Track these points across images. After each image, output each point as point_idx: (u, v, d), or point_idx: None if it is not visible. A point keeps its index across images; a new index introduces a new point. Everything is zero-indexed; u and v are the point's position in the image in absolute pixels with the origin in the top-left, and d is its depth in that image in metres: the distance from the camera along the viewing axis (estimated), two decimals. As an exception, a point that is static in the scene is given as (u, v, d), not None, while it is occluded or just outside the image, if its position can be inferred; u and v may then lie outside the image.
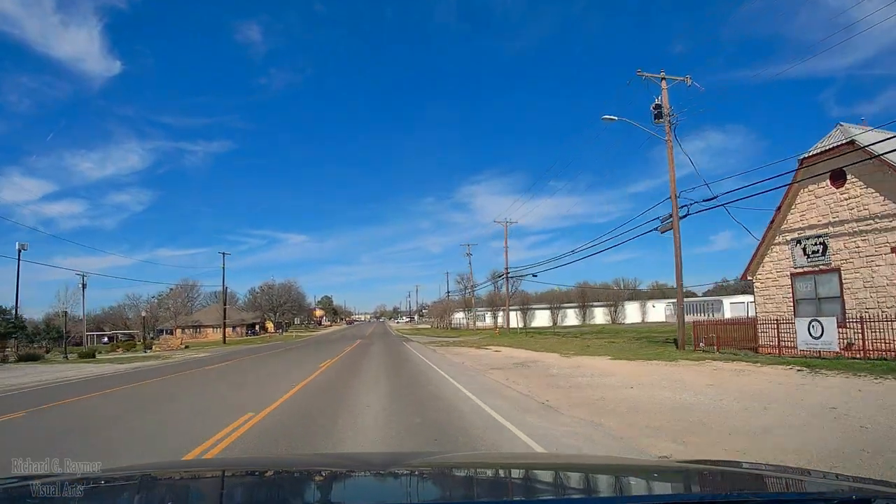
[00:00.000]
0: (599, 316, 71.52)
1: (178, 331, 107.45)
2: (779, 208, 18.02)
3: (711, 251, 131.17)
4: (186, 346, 53.52)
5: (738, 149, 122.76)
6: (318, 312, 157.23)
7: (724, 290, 76.88)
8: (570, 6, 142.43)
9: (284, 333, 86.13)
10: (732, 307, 74.07)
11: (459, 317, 74.44)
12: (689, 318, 74.08)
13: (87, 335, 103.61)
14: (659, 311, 74.23)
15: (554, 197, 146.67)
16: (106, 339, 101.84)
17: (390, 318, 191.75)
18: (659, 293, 78.72)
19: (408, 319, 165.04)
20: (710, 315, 75.21)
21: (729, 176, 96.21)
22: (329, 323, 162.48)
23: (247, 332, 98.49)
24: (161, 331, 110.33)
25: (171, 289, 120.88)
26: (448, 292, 79.92)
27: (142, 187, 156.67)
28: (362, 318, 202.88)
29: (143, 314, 76.84)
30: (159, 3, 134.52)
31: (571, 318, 71.20)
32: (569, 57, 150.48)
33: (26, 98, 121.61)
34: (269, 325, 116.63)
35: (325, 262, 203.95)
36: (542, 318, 70.55)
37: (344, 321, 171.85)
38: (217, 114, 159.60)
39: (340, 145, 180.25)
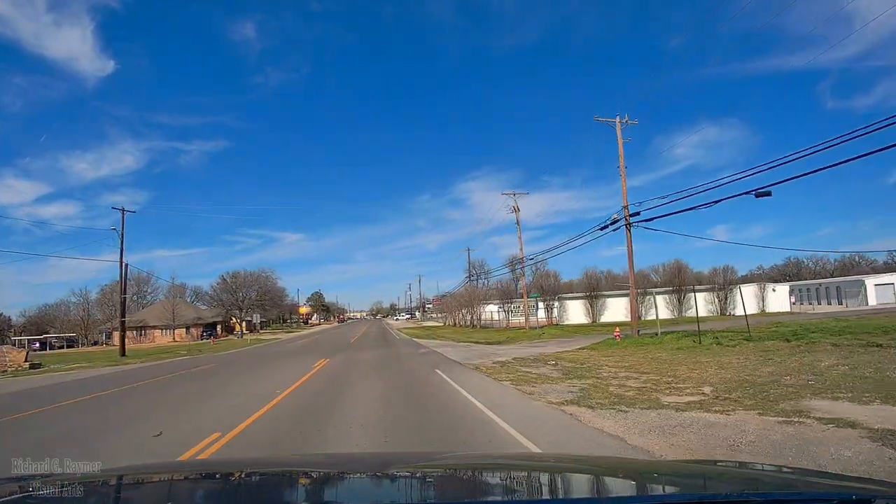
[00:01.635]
0: (699, 306, 48.55)
1: (116, 334, 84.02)
2: None
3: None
4: (34, 365, 30.34)
5: (732, 141, 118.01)
6: (304, 310, 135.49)
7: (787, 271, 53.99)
8: (567, 2, 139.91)
9: (245, 336, 62.70)
10: (878, 291, 51.18)
11: (491, 310, 51.15)
12: (816, 308, 50.97)
13: (17, 339, 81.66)
14: (781, 298, 51.28)
15: (550, 193, 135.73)
16: (38, 344, 79.52)
17: (387, 316, 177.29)
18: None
19: (408, 316, 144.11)
20: (844, 303, 52.58)
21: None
22: (318, 321, 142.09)
23: (202, 335, 75.11)
24: (109, 333, 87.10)
25: (119, 282, 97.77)
26: (469, 277, 56.87)
27: (137, 188, 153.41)
28: (357, 316, 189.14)
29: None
30: (153, 2, 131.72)
31: (660, 308, 48.09)
32: (566, 53, 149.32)
33: (19, 99, 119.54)
34: (240, 325, 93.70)
35: (320, 261, 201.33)
36: (611, 313, 47.75)
37: (336, 319, 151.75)
38: (212, 113, 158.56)
39: (336, 143, 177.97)
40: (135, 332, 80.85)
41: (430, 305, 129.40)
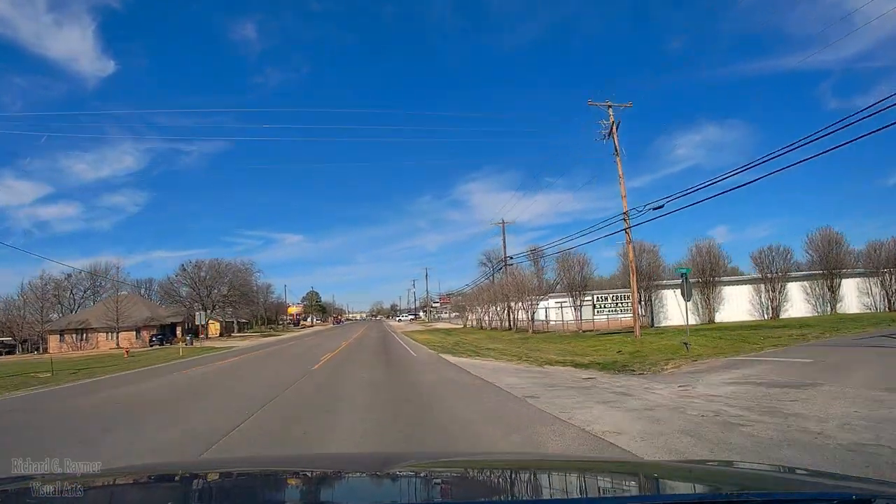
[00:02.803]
0: (851, 298, 32.57)
1: (55, 338, 68.04)
2: None
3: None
4: None
5: (735, 142, 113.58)
6: (293, 309, 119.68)
7: None
8: (567, 2, 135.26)
9: (192, 345, 46.28)
10: None
11: (545, 306, 34.26)
12: None
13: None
14: None
15: (552, 193, 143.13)
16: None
17: (388, 317, 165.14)
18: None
19: (412, 317, 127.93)
20: None
21: None
22: (311, 322, 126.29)
23: (152, 341, 58.95)
24: (44, 338, 70.99)
25: (68, 276, 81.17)
26: (506, 258, 40.51)
27: (137, 188, 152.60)
28: (357, 317, 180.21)
29: None
30: (153, 2, 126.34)
31: (797, 303, 32.13)
32: (567, 53, 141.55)
33: (19, 99, 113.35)
34: (213, 327, 77.74)
35: (320, 263, 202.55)
36: (731, 308, 31.53)
37: (332, 320, 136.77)
38: (213, 114, 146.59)
39: (336, 144, 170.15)
40: (75, 335, 64.77)
41: (437, 304, 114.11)
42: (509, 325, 39.83)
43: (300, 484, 2.16)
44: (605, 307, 27.00)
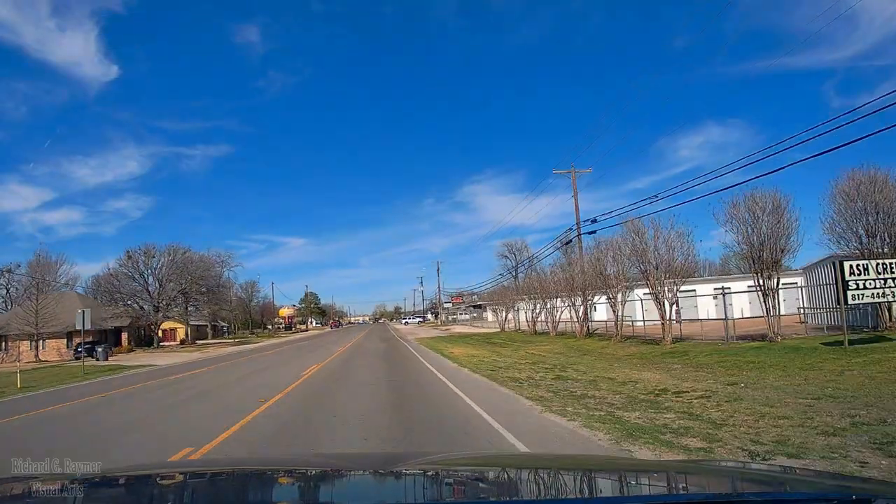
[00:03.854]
0: None
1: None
2: None
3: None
4: None
5: (737, 142, 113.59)
6: (285, 312, 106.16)
7: None
8: (570, 1, 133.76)
9: (106, 359, 31.61)
10: None
11: (637, 292, 19.07)
12: None
13: None
14: None
15: (555, 194, 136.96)
16: None
17: (391, 319, 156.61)
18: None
19: (419, 319, 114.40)
20: None
21: None
22: (305, 326, 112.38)
23: (77, 351, 44.02)
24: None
25: (7, 271, 66.53)
26: (581, 225, 25.99)
27: (140, 193, 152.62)
28: (359, 320, 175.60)
29: None
30: (155, 6, 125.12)
31: None
32: (570, 52, 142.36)
33: (22, 105, 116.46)
34: (181, 331, 63.54)
35: (323, 266, 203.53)
36: None
37: (330, 324, 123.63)
38: (215, 117, 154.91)
39: (339, 147, 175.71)
40: (-10, 344, 50.26)
41: (448, 305, 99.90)
42: (588, 329, 25.11)
43: (302, 482, 2.14)
44: (867, 287, 12.10)
